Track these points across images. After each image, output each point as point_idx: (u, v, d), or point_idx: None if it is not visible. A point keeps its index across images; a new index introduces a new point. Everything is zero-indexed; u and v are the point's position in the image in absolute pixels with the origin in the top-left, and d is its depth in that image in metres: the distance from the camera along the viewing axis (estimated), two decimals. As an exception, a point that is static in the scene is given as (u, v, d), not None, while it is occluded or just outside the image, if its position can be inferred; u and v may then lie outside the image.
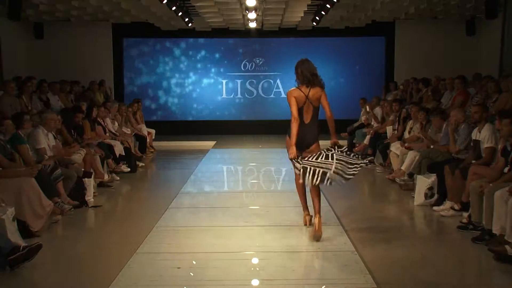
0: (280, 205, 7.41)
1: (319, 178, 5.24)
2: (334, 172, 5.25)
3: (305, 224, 6.03)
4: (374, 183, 9.29)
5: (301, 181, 5.41)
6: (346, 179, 5.35)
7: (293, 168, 5.57)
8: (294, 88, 5.73)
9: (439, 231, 6.36)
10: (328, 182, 5.28)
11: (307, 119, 5.70)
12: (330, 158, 5.33)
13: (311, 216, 5.90)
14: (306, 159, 5.42)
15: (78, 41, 14.70)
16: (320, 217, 5.53)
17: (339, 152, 5.46)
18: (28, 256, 4.75)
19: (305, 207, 6.08)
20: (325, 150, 5.50)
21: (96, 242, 5.86)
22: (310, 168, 5.27)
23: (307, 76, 5.66)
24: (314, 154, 5.46)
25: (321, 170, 5.26)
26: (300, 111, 5.66)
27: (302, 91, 5.67)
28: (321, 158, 5.35)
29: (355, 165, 5.39)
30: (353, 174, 5.36)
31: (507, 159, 5.77)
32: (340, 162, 5.31)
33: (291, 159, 5.53)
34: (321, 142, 5.71)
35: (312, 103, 5.67)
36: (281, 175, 9.55)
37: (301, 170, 5.32)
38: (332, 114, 5.74)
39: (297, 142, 5.60)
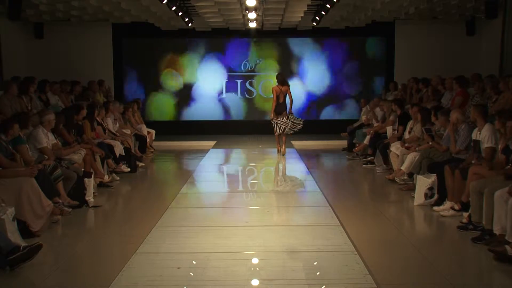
0: (280, 205, 7.42)
1: (279, 131, 11.49)
2: (289, 128, 11.40)
3: (278, 151, 11.77)
4: (374, 183, 9.29)
5: (276, 132, 11.56)
6: (293, 131, 11.52)
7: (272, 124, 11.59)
8: (275, 85, 11.64)
9: (439, 231, 6.37)
10: (284, 132, 11.46)
11: (281, 100, 11.45)
12: (287, 120, 11.40)
13: (281, 148, 11.68)
14: (279, 119, 11.38)
15: (78, 41, 14.69)
16: (285, 147, 11.71)
17: (292, 118, 11.47)
18: (28, 256, 4.75)
19: (278, 144, 11.81)
20: (288, 115, 11.43)
21: (96, 242, 5.86)
22: (277, 126, 11.44)
23: (281, 80, 11.61)
24: (283, 118, 11.38)
25: (282, 126, 11.40)
26: (278, 97, 11.43)
27: (278, 87, 11.53)
28: (284, 119, 11.38)
29: (298, 124, 11.50)
30: (298, 129, 11.56)
31: (508, 157, 5.77)
32: (292, 123, 11.39)
33: (271, 120, 11.61)
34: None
35: (283, 93, 11.46)
36: (281, 175, 9.55)
37: (275, 126, 11.46)
38: (292, 99, 11.56)
39: (277, 111, 11.44)
